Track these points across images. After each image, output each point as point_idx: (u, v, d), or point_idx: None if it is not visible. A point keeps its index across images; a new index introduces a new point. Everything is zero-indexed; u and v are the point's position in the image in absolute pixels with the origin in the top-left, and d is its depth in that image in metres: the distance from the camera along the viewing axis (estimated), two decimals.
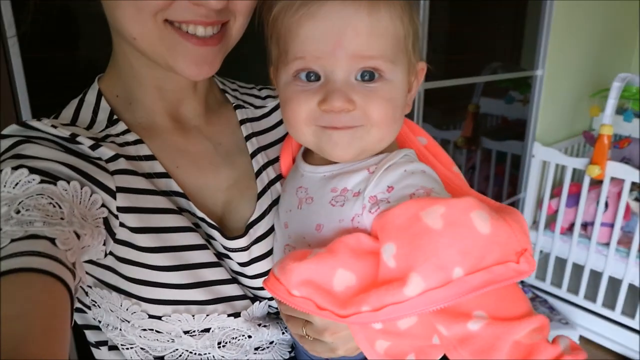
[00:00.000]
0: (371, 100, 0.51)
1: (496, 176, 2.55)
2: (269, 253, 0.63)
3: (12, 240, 0.39)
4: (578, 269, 2.29)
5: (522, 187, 2.51)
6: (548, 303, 2.38)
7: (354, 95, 0.50)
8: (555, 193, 2.38)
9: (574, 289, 2.31)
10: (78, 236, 0.45)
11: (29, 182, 0.46)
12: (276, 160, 0.68)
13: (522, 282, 2.53)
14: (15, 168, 0.47)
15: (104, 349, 0.63)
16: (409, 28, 0.53)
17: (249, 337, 0.61)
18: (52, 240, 0.41)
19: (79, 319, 0.62)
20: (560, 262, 2.36)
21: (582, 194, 2.17)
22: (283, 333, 0.65)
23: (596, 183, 2.20)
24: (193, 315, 0.56)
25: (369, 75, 0.51)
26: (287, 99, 0.54)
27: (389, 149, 0.56)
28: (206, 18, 0.51)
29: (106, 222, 0.52)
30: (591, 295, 2.25)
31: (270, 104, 0.73)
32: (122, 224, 0.53)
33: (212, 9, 0.50)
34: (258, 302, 0.61)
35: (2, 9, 0.74)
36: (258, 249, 0.62)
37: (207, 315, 0.57)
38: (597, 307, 2.22)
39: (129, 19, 0.51)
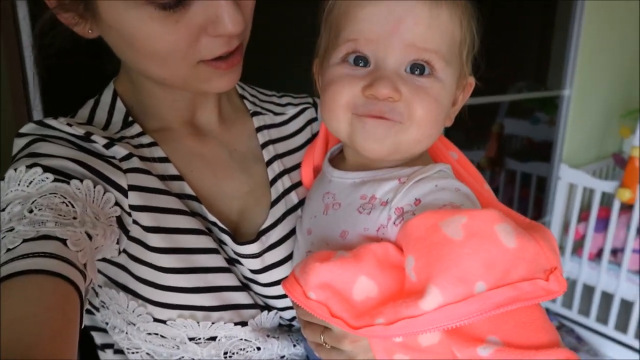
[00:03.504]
0: (418, 94, 0.49)
1: (520, 199, 2.49)
2: (284, 261, 0.61)
3: (24, 241, 0.40)
4: (607, 297, 2.20)
5: (547, 210, 2.44)
6: (575, 333, 2.28)
7: (402, 86, 0.48)
8: (583, 217, 2.31)
9: (603, 318, 2.21)
10: (90, 237, 0.45)
11: (42, 180, 0.46)
12: (292, 169, 0.67)
13: (546, 309, 2.44)
14: (29, 166, 0.47)
15: (109, 351, 0.62)
16: (466, 34, 0.52)
17: (258, 348, 0.59)
18: (63, 241, 0.41)
19: (86, 320, 0.62)
20: (588, 290, 2.28)
21: (612, 218, 2.10)
22: (295, 346, 0.63)
23: (626, 207, 2.12)
24: (198, 322, 0.54)
25: (419, 70, 0.49)
26: (330, 81, 0.52)
27: (422, 162, 0.54)
28: (231, 46, 0.51)
29: (119, 220, 0.52)
30: (622, 326, 2.15)
31: (290, 111, 0.72)
32: (135, 222, 0.53)
33: (234, 35, 0.50)
34: (267, 311, 0.59)
35: (19, 17, 0.74)
36: (272, 257, 0.60)
37: (213, 323, 0.55)
38: (629, 338, 2.12)
39: (155, 68, 0.51)
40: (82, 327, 0.41)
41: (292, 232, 0.63)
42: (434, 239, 0.42)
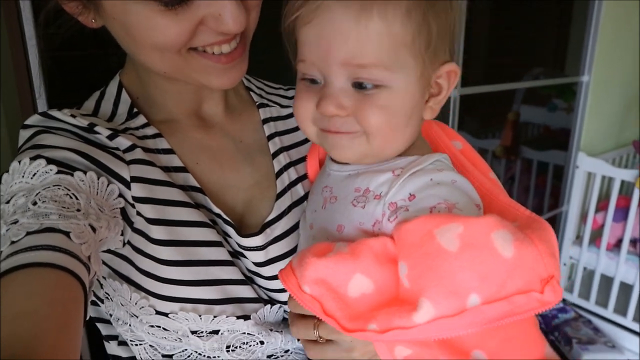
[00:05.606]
0: (364, 107, 0.48)
1: (537, 188, 2.44)
2: (288, 254, 0.61)
3: (28, 233, 0.40)
4: (626, 288, 2.15)
5: (564, 199, 2.39)
6: (592, 324, 2.25)
7: (347, 101, 0.48)
8: (601, 207, 2.26)
9: (621, 309, 2.17)
10: (94, 229, 0.45)
11: (46, 172, 0.47)
12: (298, 161, 0.67)
13: (563, 299, 2.40)
14: (33, 158, 0.47)
15: (114, 343, 0.62)
16: (419, 27, 0.47)
17: (261, 342, 0.58)
18: (67, 234, 0.41)
19: (92, 311, 0.62)
20: (606, 280, 2.23)
21: (632, 207, 2.05)
22: (299, 340, 0.61)
23: None
24: (200, 315, 0.54)
25: (362, 85, 0.48)
26: (296, 95, 0.54)
27: (420, 150, 0.53)
28: (226, 36, 0.51)
29: (123, 211, 0.52)
30: None
31: None
32: (139, 213, 0.53)
33: (235, 33, 0.50)
34: (270, 305, 0.59)
35: (22, 10, 0.74)
36: (276, 249, 0.60)
37: (215, 317, 0.55)
38: None
39: (155, 61, 0.51)
40: (88, 318, 0.42)
41: (297, 225, 0.62)
42: (427, 248, 0.41)
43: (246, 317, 0.57)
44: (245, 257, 0.59)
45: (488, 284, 0.39)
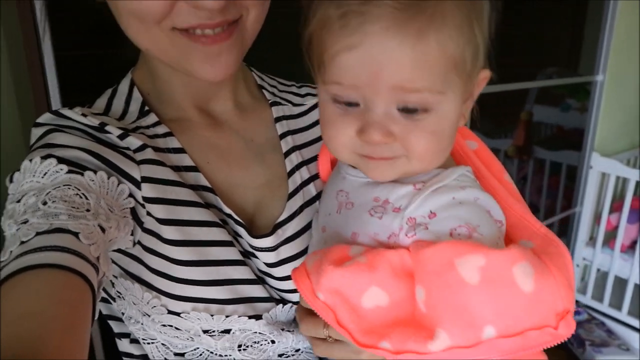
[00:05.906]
0: (413, 133, 0.46)
1: (549, 188, 2.42)
2: (299, 255, 0.60)
3: (37, 234, 0.40)
4: None
5: (578, 200, 2.36)
6: (606, 326, 2.22)
7: (394, 127, 0.45)
8: (615, 208, 2.23)
9: (635, 312, 2.14)
10: (103, 229, 0.45)
11: (57, 172, 0.47)
12: (311, 160, 0.66)
13: (576, 301, 2.38)
14: (44, 157, 0.47)
15: (125, 341, 0.63)
16: (468, 41, 0.45)
17: (272, 342, 0.59)
18: (76, 235, 0.41)
19: (104, 309, 0.62)
20: (620, 282, 2.20)
21: None
22: None
23: None
24: (212, 315, 0.54)
25: (411, 110, 0.45)
26: (326, 121, 0.50)
27: (443, 163, 0.51)
28: (210, 20, 0.49)
29: (133, 211, 0.52)
30: None
31: (310, 102, 0.71)
32: (149, 213, 0.53)
33: (212, 10, 0.48)
34: (282, 305, 0.59)
35: (36, 8, 0.75)
36: (287, 250, 0.59)
37: (227, 317, 0.55)
38: None
39: (136, 31, 0.51)
40: (97, 317, 0.42)
41: (309, 226, 0.62)
42: (448, 278, 0.42)
43: (258, 317, 0.56)
44: (256, 257, 0.58)
45: (505, 318, 0.40)
